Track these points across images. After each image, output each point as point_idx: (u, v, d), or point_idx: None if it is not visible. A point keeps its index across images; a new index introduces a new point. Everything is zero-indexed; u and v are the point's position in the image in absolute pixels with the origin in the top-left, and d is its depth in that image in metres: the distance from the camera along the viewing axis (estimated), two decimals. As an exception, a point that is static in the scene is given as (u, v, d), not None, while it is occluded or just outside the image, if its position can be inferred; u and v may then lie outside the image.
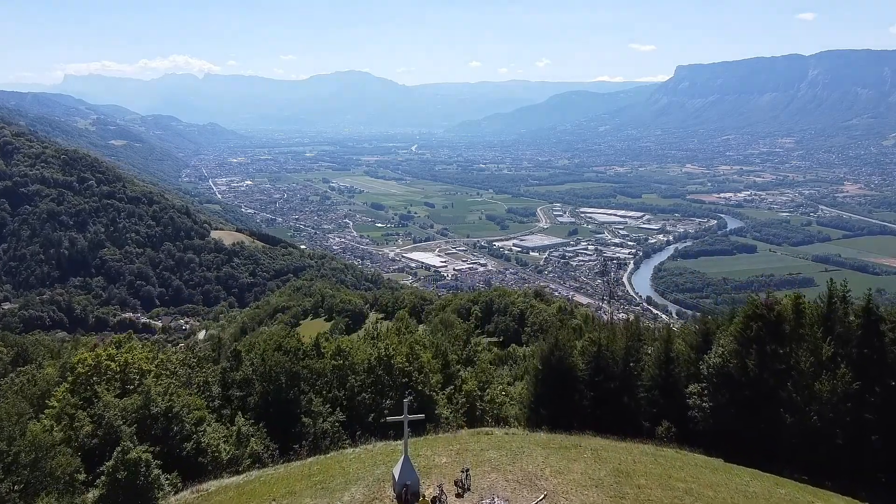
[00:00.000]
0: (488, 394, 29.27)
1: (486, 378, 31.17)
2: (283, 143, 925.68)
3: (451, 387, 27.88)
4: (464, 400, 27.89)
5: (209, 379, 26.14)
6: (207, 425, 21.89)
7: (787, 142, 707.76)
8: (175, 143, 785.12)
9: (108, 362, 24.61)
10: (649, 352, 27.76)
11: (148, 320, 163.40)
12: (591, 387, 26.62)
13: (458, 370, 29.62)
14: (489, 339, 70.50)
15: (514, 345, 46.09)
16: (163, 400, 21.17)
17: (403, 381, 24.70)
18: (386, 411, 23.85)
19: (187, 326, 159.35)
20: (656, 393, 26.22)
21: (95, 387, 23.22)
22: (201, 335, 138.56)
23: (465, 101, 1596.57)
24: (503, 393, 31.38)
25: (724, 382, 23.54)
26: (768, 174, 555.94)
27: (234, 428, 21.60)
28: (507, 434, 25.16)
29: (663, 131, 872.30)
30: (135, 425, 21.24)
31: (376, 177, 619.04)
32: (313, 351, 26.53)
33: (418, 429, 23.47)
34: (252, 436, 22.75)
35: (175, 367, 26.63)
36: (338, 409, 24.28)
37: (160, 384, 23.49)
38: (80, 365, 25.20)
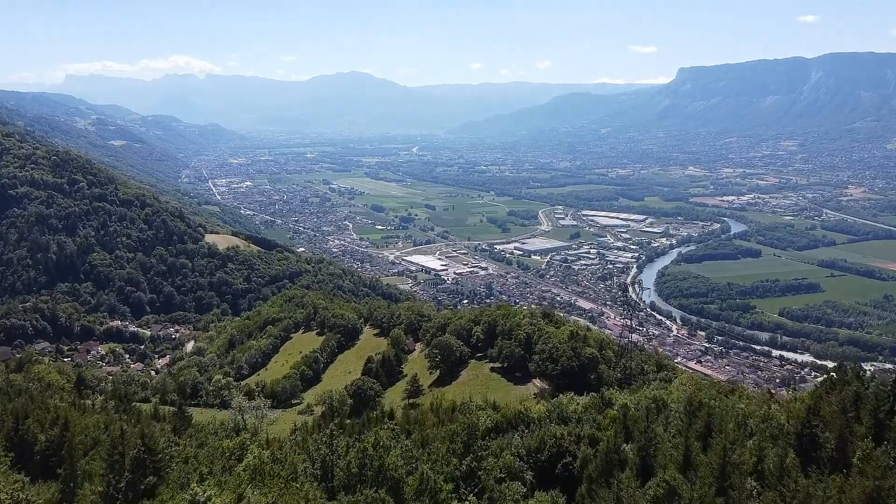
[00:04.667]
0: None
1: None
2: (283, 144, 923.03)
3: None
4: None
5: None
6: None
7: (790, 145, 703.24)
8: (175, 143, 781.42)
9: None
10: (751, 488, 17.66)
11: (136, 329, 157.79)
12: None
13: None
14: (492, 364, 65.76)
15: (524, 404, 39.37)
16: None
17: None
18: None
19: (177, 335, 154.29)
20: None
21: None
22: (189, 346, 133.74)
23: (466, 102, 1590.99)
24: None
25: None
26: (771, 177, 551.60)
27: None
28: None
29: (665, 133, 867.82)
30: None
31: (377, 178, 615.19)
32: None
33: None
34: None
35: None
36: None
37: None
38: None
